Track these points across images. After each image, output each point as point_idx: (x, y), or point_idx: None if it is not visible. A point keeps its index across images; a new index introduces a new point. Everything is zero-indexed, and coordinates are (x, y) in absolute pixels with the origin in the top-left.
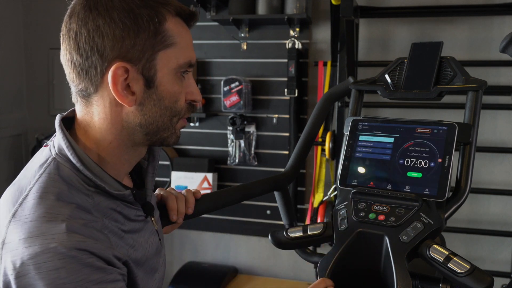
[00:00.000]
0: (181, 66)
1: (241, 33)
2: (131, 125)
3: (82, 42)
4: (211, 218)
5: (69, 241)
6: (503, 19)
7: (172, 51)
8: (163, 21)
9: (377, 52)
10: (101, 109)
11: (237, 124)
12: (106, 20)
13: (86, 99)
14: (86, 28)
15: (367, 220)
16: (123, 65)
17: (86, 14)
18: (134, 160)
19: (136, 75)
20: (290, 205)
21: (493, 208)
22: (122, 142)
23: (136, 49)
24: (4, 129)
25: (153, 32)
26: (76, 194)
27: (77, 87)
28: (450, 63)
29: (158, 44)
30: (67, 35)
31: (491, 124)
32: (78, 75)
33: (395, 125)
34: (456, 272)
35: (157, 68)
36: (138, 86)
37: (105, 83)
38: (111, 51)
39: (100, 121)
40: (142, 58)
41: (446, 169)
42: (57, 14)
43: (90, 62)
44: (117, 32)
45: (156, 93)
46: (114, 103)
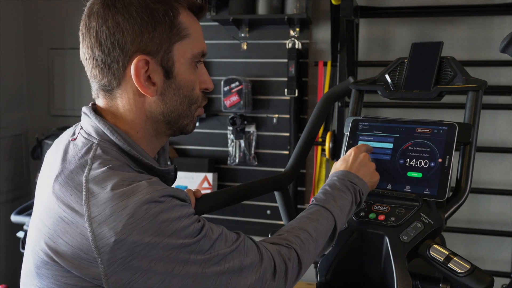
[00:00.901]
0: (195, 56)
1: (241, 33)
2: (154, 114)
3: (104, 39)
4: (211, 218)
5: (156, 191)
6: (503, 19)
7: (187, 42)
8: (177, 14)
9: (377, 52)
10: (125, 101)
11: (237, 124)
12: (125, 17)
13: (109, 93)
14: (106, 25)
15: (367, 220)
16: (144, 58)
17: (106, 12)
18: (156, 150)
19: (156, 66)
20: (290, 205)
21: (493, 208)
22: (147, 132)
23: (154, 42)
24: (4, 129)
25: (169, 25)
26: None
27: (100, 82)
28: (450, 63)
29: (174, 36)
30: (87, 33)
31: (491, 124)
32: (101, 71)
33: (395, 125)
34: (456, 272)
35: (175, 59)
36: (158, 77)
37: (127, 76)
38: (132, 45)
39: (126, 113)
40: (160, 50)
41: (446, 169)
42: (57, 14)
43: (112, 57)
44: (136, 27)
45: (175, 83)
46: (138, 94)
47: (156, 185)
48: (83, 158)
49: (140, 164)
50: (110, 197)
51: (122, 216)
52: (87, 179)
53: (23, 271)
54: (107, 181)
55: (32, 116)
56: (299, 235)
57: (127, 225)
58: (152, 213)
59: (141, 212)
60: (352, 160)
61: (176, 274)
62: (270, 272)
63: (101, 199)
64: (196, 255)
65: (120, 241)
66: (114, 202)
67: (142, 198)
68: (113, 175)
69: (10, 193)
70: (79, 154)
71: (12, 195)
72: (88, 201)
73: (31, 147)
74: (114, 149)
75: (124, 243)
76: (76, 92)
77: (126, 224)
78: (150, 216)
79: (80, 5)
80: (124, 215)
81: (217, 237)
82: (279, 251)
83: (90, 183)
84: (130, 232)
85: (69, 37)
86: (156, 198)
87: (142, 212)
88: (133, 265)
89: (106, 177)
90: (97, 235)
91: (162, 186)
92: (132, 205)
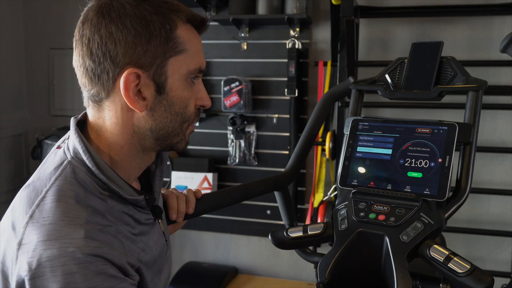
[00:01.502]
0: (191, 72)
1: (241, 33)
2: (142, 130)
3: (95, 48)
4: (211, 218)
5: (87, 247)
6: (503, 19)
7: (183, 58)
8: (174, 28)
9: (377, 52)
10: (113, 114)
11: (237, 124)
12: (118, 27)
13: (98, 104)
14: (99, 34)
15: (367, 220)
16: (135, 71)
17: (99, 20)
18: (144, 165)
19: (147, 81)
20: (290, 205)
21: (493, 208)
22: (133, 147)
23: (147, 55)
24: (4, 129)
25: (165, 39)
26: (92, 198)
27: (89, 92)
28: (450, 63)
29: (169, 51)
30: (80, 40)
31: (491, 124)
32: (91, 80)
33: (395, 125)
34: (456, 272)
35: (168, 74)
36: (149, 91)
37: (116, 89)
38: (123, 57)
39: (112, 126)
40: (154, 64)
41: (446, 169)
42: (57, 14)
43: (102, 67)
44: (130, 38)
45: (166, 99)
46: (126, 108)
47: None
48: (51, 175)
49: (109, 189)
50: (42, 231)
51: (42, 257)
52: (38, 204)
53: None
54: (50, 212)
55: (32, 116)
56: None
57: (40, 267)
58: (67, 270)
59: (58, 262)
60: None
61: None
62: None
63: (35, 228)
64: None
65: (29, 279)
66: (42, 238)
67: (67, 248)
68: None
69: (10, 193)
70: (50, 168)
71: (12, 195)
72: (26, 225)
73: (31, 147)
74: (83, 170)
75: (32, 284)
76: (76, 92)
77: (40, 266)
78: (64, 270)
79: (80, 5)
80: (44, 257)
81: None
82: None
83: (38, 208)
84: (41, 275)
85: (69, 37)
86: (80, 255)
87: (59, 262)
88: None
89: (53, 208)
90: (18, 262)
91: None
92: (54, 251)
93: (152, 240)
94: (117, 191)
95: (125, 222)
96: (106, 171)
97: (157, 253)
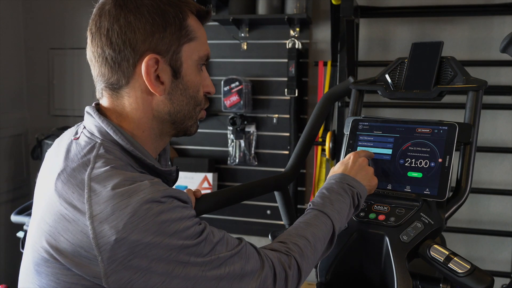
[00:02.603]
0: (201, 58)
1: (241, 33)
2: (161, 114)
3: (115, 37)
4: (211, 218)
5: (158, 191)
6: (503, 19)
7: (194, 44)
8: (186, 17)
9: (377, 52)
10: (133, 100)
11: (237, 124)
12: (137, 16)
13: (116, 92)
14: (118, 24)
15: (368, 220)
16: (154, 57)
17: (117, 11)
18: (159, 150)
19: (164, 66)
20: (290, 205)
21: (493, 208)
22: (153, 131)
23: (164, 42)
24: (4, 129)
25: (179, 27)
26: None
27: (108, 81)
28: (451, 63)
29: (183, 38)
30: (97, 32)
31: (491, 124)
32: (111, 69)
33: (395, 125)
34: (457, 272)
35: (183, 59)
36: (166, 76)
37: (137, 75)
38: (143, 44)
39: (133, 112)
40: (170, 50)
41: (446, 169)
42: (57, 14)
43: (123, 55)
44: (148, 26)
45: (182, 83)
46: (146, 92)
47: (158, 185)
48: (86, 156)
49: (143, 165)
50: (112, 196)
51: (124, 215)
52: (90, 177)
53: (22, 269)
54: (109, 180)
55: (32, 116)
56: (298, 242)
57: (128, 224)
58: (153, 213)
59: (142, 212)
60: (351, 164)
61: (176, 276)
62: (271, 280)
63: (103, 197)
64: (196, 258)
65: (120, 239)
66: (115, 200)
67: (144, 197)
68: (116, 174)
69: (10, 193)
70: (81, 152)
71: (12, 195)
72: (90, 199)
73: (31, 147)
74: (117, 149)
75: (125, 242)
76: (76, 92)
77: (127, 223)
78: (151, 215)
79: (80, 5)
80: (126, 214)
81: (218, 241)
82: (279, 258)
83: (92, 181)
84: (131, 231)
85: (69, 37)
86: (158, 198)
87: (143, 212)
88: (133, 264)
89: (108, 176)
90: (98, 233)
91: (164, 186)
92: (133, 204)
93: None
94: (152, 164)
95: None
96: (138, 148)
97: None
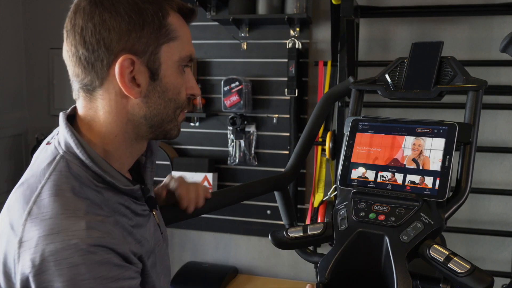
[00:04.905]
0: (183, 59)
1: (241, 33)
2: (136, 117)
3: (89, 36)
4: (211, 218)
5: (89, 238)
6: (503, 19)
7: (175, 45)
8: (167, 16)
9: (377, 52)
10: (106, 102)
11: (237, 124)
12: (112, 14)
13: (90, 94)
14: (92, 22)
15: (367, 220)
16: (130, 57)
17: (92, 9)
18: (137, 154)
19: (141, 67)
20: (290, 205)
21: (493, 208)
22: (127, 135)
23: (141, 42)
24: (4, 129)
25: (158, 26)
26: (87, 191)
27: (82, 82)
28: (451, 63)
29: (162, 37)
30: (72, 30)
31: (491, 124)
32: (84, 69)
33: (395, 125)
34: (456, 272)
35: (161, 60)
36: (143, 78)
37: (111, 76)
38: (118, 44)
39: (106, 115)
40: (147, 51)
41: (446, 169)
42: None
43: (96, 55)
44: (123, 25)
45: (160, 85)
46: (120, 95)
47: (94, 230)
48: (45, 170)
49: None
50: (42, 226)
51: (44, 251)
52: (35, 199)
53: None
54: (49, 207)
55: (32, 116)
56: None
57: (44, 262)
58: (72, 262)
59: (62, 255)
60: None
61: None
62: None
63: (35, 224)
64: None
65: (34, 275)
66: (43, 232)
67: (69, 240)
68: (58, 202)
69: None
70: (43, 164)
71: None
72: (25, 222)
73: (31, 147)
74: (77, 164)
75: (37, 279)
76: None
77: (43, 261)
78: (69, 263)
79: None
80: (46, 251)
81: None
82: None
83: (35, 204)
84: (45, 270)
85: None
86: (83, 246)
87: (63, 255)
88: None
89: (51, 203)
90: (20, 260)
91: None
92: (57, 244)
93: (149, 232)
94: (112, 182)
95: (122, 213)
96: (99, 162)
97: (153, 245)
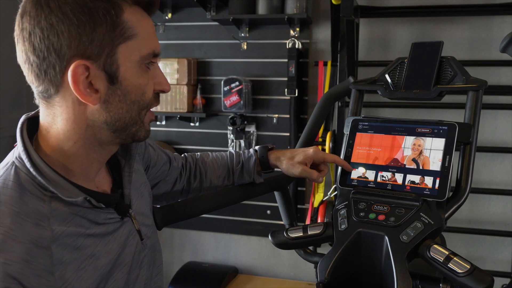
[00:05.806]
0: (144, 57)
1: (241, 33)
2: (97, 123)
3: (37, 42)
4: (211, 218)
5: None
6: (503, 19)
7: (133, 43)
8: (120, 13)
9: (377, 52)
10: (63, 109)
11: (237, 124)
12: (59, 17)
13: (47, 101)
14: (39, 27)
15: (367, 220)
16: (83, 63)
17: (38, 12)
18: (104, 159)
19: (97, 72)
20: (290, 205)
21: (493, 208)
22: (88, 141)
23: (94, 45)
24: (4, 129)
25: (111, 25)
26: (32, 201)
27: (37, 89)
28: (451, 63)
29: (117, 38)
30: (20, 35)
31: (491, 124)
32: (37, 77)
33: (395, 125)
34: (456, 272)
35: (119, 62)
36: (101, 83)
37: (66, 83)
38: (68, 49)
39: (63, 122)
40: (102, 54)
41: (446, 169)
42: None
43: (48, 62)
44: (73, 28)
45: (120, 89)
46: (77, 102)
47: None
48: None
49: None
50: None
51: None
52: None
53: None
54: None
55: None
56: None
57: None
58: None
59: None
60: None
61: None
62: None
63: None
64: None
65: None
66: None
67: None
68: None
69: None
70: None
71: None
72: None
73: None
74: (24, 171)
75: None
76: None
77: None
78: None
79: None
80: None
81: None
82: None
83: None
84: None
85: None
86: None
87: None
88: None
89: None
90: None
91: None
92: None
93: (117, 242)
94: (55, 192)
95: (75, 223)
96: (44, 171)
97: (125, 253)
